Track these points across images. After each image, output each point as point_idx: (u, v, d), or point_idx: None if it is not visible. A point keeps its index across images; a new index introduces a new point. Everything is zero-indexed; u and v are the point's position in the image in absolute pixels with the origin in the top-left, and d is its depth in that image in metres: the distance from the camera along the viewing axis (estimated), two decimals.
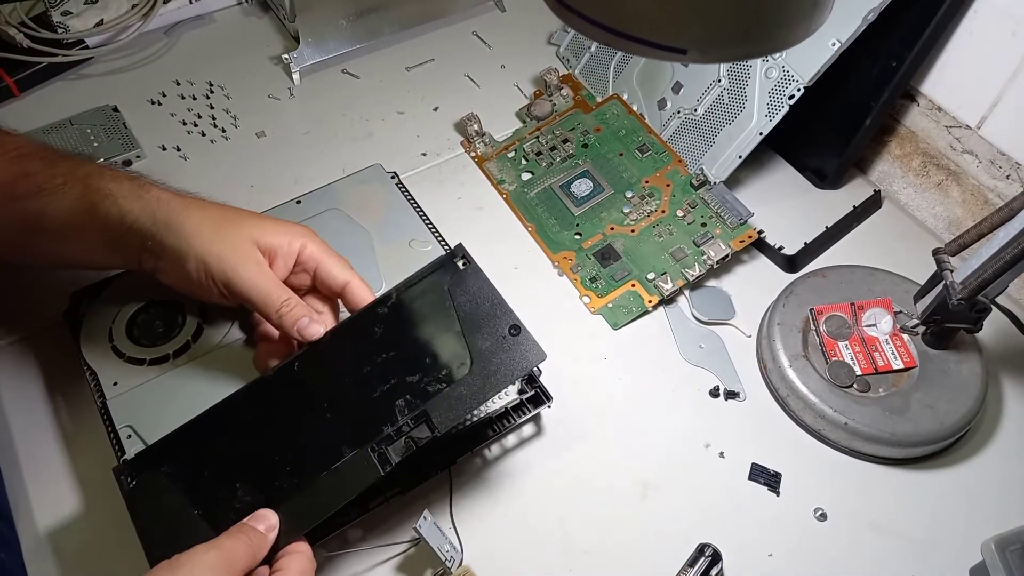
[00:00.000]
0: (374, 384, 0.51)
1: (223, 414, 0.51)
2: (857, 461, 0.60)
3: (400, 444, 0.48)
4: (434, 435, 0.49)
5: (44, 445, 0.58)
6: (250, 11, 0.91)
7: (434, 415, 0.49)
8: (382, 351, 0.52)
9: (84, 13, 0.82)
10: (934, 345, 0.61)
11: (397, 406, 0.50)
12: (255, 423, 0.51)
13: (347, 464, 0.48)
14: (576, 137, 0.77)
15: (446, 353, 0.51)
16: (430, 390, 0.50)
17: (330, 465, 0.48)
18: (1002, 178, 0.67)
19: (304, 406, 0.51)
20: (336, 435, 0.49)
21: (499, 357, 0.51)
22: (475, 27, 0.90)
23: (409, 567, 0.53)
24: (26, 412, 0.59)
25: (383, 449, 0.48)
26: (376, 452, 0.48)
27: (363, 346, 0.52)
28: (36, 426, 0.59)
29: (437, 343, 0.52)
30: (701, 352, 0.65)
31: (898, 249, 0.71)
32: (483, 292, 0.54)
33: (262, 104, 0.82)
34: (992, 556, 0.50)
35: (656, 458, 0.59)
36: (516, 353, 0.51)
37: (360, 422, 0.49)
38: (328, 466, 0.48)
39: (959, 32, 0.66)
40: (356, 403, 0.50)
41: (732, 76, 0.72)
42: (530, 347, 0.51)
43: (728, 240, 0.68)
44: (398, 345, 0.52)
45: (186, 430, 0.50)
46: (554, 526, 0.56)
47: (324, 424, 0.50)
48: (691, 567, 0.53)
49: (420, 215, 0.67)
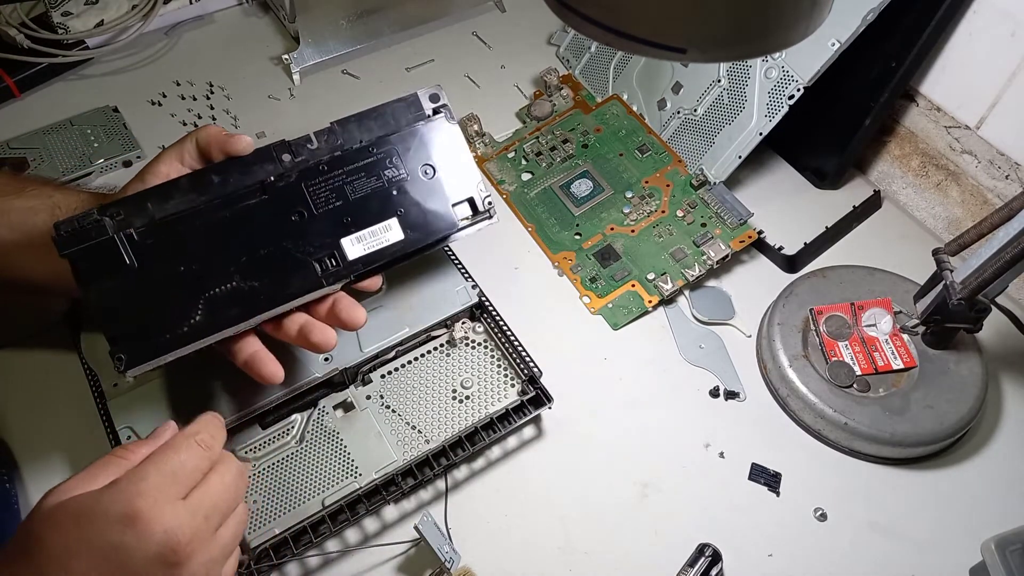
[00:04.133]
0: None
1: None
2: (857, 461, 0.60)
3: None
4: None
5: (44, 445, 0.58)
6: (250, 12, 0.91)
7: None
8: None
9: (84, 14, 0.82)
10: (934, 345, 0.61)
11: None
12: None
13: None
14: (576, 137, 0.77)
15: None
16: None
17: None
18: (1001, 178, 0.68)
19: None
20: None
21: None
22: (475, 27, 0.90)
23: (409, 567, 0.53)
24: (26, 412, 0.60)
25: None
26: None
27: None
28: (36, 426, 0.59)
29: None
30: (701, 352, 0.65)
31: (898, 249, 0.71)
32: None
33: (262, 104, 0.82)
34: (992, 556, 0.50)
35: (656, 458, 0.59)
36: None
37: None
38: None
39: (958, 33, 0.66)
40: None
41: (732, 76, 0.72)
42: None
43: (728, 240, 0.68)
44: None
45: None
46: (554, 526, 0.56)
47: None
48: (691, 567, 0.53)
49: None
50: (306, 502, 0.53)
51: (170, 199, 0.49)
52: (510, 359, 0.60)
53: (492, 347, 0.61)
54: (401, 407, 0.58)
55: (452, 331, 0.61)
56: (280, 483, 0.54)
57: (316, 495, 0.54)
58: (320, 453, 0.55)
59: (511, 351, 0.60)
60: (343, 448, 0.56)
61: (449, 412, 0.58)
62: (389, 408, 0.58)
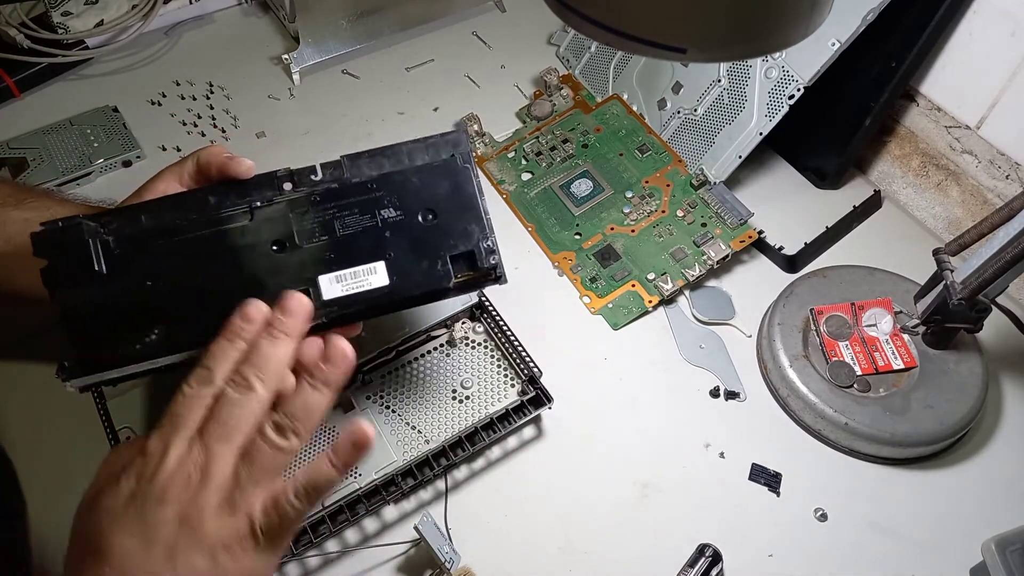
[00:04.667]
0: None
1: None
2: (857, 461, 0.60)
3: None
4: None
5: (44, 446, 0.58)
6: (250, 11, 0.91)
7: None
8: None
9: (84, 14, 0.82)
10: (934, 345, 0.61)
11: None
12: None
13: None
14: (576, 137, 0.77)
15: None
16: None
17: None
18: (1001, 178, 0.67)
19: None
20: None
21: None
22: (475, 27, 0.90)
23: (409, 568, 0.53)
24: (26, 413, 0.59)
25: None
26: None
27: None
28: (36, 427, 0.59)
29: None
30: (701, 352, 0.65)
31: (898, 249, 0.71)
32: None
33: (262, 104, 0.82)
34: (992, 556, 0.50)
35: (656, 458, 0.59)
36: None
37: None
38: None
39: (959, 32, 0.66)
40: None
41: (732, 76, 0.72)
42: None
43: (728, 240, 0.68)
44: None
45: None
46: (554, 526, 0.56)
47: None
48: (691, 567, 0.53)
49: None
50: None
51: (158, 215, 0.47)
52: (510, 359, 0.60)
53: (492, 347, 0.61)
54: (401, 407, 0.58)
55: (452, 331, 0.61)
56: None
57: None
58: (320, 453, 0.55)
59: (511, 351, 0.60)
60: None
61: (449, 412, 0.58)
62: (389, 408, 0.58)
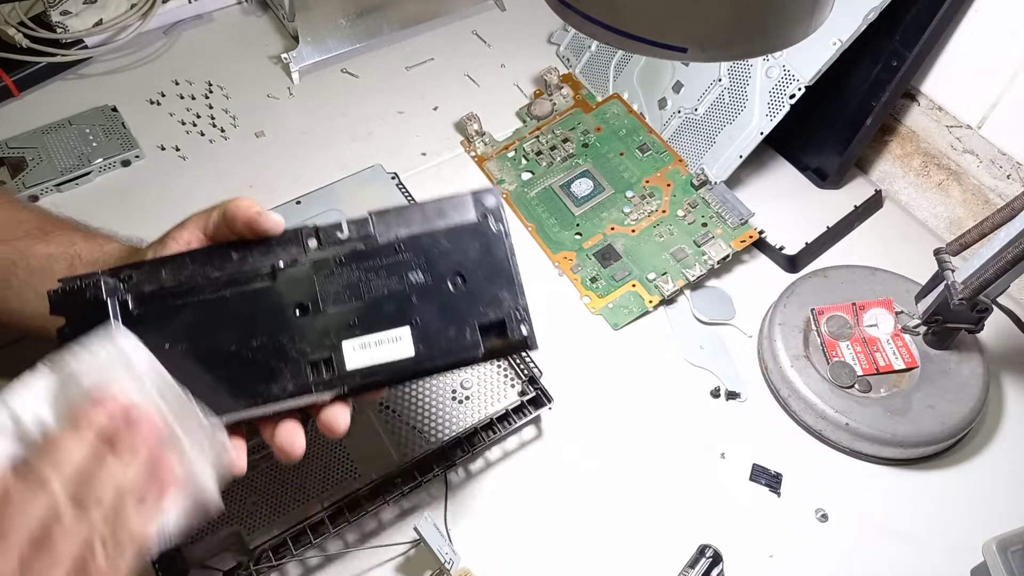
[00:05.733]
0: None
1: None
2: (858, 462, 0.60)
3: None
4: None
5: None
6: (249, 10, 0.91)
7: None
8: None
9: (83, 13, 0.81)
10: (935, 345, 0.61)
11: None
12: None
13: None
14: (576, 137, 0.77)
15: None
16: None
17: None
18: (1003, 178, 0.67)
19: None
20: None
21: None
22: (475, 26, 0.90)
23: (408, 568, 0.53)
24: None
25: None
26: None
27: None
28: None
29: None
30: (702, 352, 0.65)
31: (899, 249, 0.71)
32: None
33: (261, 104, 0.82)
34: (993, 557, 0.50)
35: (656, 459, 0.59)
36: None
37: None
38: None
39: (960, 31, 0.66)
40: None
41: (733, 75, 0.71)
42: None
43: (729, 240, 0.68)
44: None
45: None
46: (554, 526, 0.56)
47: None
48: (692, 568, 0.53)
49: None
50: (306, 503, 0.53)
51: (179, 271, 0.45)
52: (510, 359, 0.60)
53: None
54: (401, 407, 0.58)
55: None
56: (280, 483, 0.54)
57: (316, 496, 0.53)
58: (320, 453, 0.55)
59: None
60: (343, 448, 0.55)
61: (449, 412, 0.58)
62: (389, 408, 0.58)
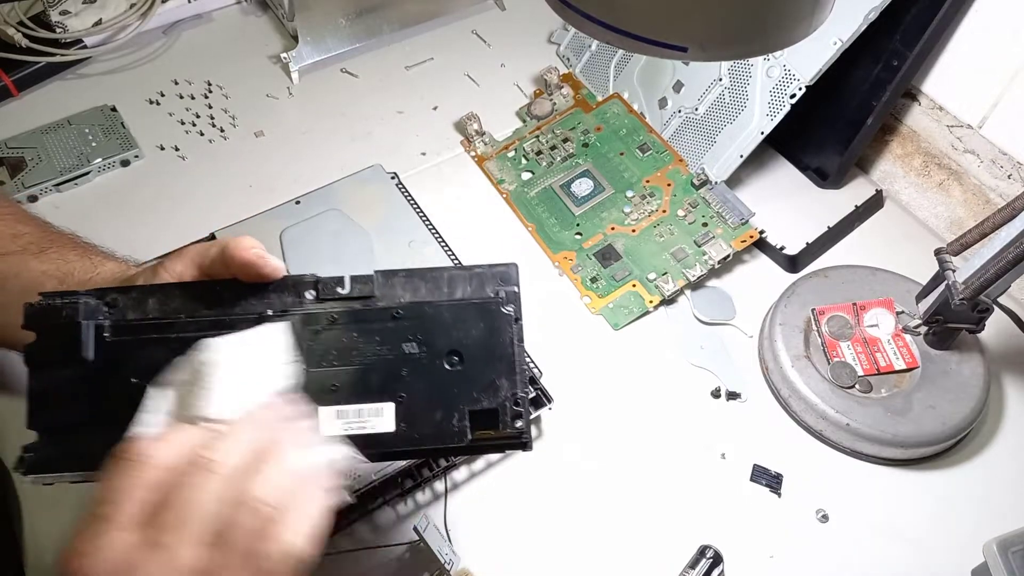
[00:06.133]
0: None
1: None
2: (859, 462, 0.60)
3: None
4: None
5: None
6: (249, 10, 0.91)
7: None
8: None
9: (82, 13, 0.81)
10: (936, 345, 0.61)
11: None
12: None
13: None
14: (576, 136, 0.76)
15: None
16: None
17: None
18: (1004, 178, 0.67)
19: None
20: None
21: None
22: (475, 26, 0.90)
23: (408, 569, 0.53)
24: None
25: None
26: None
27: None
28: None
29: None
30: (702, 353, 0.65)
31: (900, 249, 0.71)
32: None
33: (261, 103, 0.81)
34: (994, 557, 0.50)
35: (657, 459, 0.59)
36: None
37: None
38: None
39: (960, 31, 0.66)
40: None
41: (733, 75, 0.71)
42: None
43: (729, 240, 0.68)
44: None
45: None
46: (554, 527, 0.56)
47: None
48: (692, 569, 0.53)
49: (420, 216, 0.67)
50: None
51: (166, 303, 0.42)
52: None
53: None
54: None
55: None
56: None
57: None
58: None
59: None
60: None
61: None
62: None
